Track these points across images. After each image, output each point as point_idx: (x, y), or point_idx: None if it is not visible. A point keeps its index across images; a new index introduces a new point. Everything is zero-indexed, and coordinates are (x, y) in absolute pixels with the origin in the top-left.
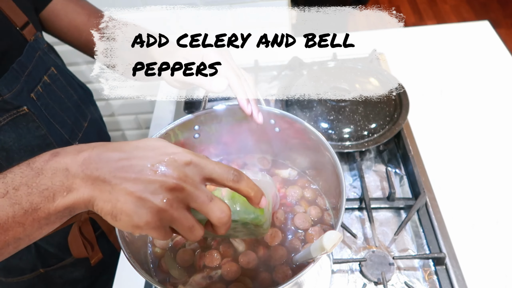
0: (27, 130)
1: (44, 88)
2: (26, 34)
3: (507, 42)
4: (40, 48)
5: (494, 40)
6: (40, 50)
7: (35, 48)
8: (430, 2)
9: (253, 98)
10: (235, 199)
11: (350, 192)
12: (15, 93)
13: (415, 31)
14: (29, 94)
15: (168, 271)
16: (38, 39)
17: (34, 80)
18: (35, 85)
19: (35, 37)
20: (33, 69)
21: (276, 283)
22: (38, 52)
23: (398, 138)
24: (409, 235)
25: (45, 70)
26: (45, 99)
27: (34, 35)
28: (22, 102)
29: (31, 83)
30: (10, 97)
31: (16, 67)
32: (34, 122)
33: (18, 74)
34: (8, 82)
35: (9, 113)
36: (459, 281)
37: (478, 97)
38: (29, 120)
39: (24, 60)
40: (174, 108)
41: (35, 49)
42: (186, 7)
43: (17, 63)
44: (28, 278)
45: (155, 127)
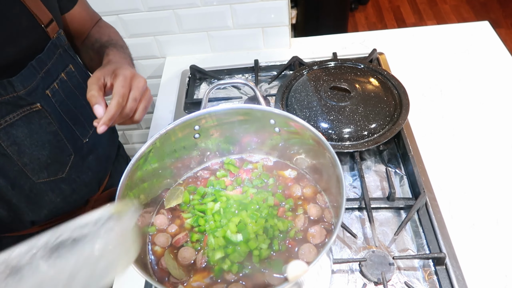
0: (39, 126)
1: (60, 84)
2: (50, 31)
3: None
4: (61, 46)
5: (494, 40)
6: (61, 48)
7: (57, 45)
8: (430, 2)
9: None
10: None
11: (350, 192)
12: (30, 89)
13: (415, 31)
14: (45, 91)
15: (168, 270)
16: (61, 36)
17: (51, 77)
18: (52, 82)
19: (58, 34)
20: (52, 66)
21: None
22: (59, 49)
23: (398, 138)
24: (409, 235)
25: (63, 67)
26: (60, 96)
27: (57, 33)
28: (36, 99)
29: (48, 80)
30: (24, 94)
31: (35, 64)
32: (47, 118)
33: (35, 71)
34: (24, 79)
35: (22, 109)
36: (459, 281)
37: (478, 97)
38: (41, 116)
39: (44, 58)
40: (174, 108)
41: (57, 47)
42: (186, 7)
43: (37, 60)
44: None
45: (155, 127)
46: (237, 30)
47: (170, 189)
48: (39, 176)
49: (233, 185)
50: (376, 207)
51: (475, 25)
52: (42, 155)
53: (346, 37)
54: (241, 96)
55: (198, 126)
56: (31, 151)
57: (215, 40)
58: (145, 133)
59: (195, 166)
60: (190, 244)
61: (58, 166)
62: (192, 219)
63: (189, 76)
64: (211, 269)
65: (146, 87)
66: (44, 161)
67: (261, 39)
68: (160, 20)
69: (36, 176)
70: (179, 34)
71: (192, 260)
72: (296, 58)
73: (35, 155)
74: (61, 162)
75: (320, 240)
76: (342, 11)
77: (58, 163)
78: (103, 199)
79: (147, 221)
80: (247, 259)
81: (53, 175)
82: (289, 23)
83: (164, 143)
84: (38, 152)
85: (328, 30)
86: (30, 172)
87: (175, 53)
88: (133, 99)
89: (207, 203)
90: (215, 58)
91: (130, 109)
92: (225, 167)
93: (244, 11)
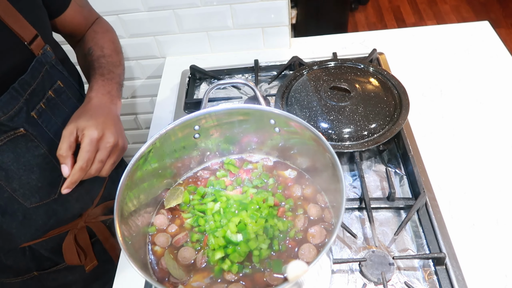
0: (26, 149)
1: (47, 103)
2: (34, 48)
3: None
4: (48, 62)
5: (494, 40)
6: (48, 64)
7: (42, 63)
8: (430, 2)
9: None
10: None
11: (350, 192)
12: (12, 115)
13: (415, 31)
14: (30, 113)
15: (168, 270)
16: (47, 52)
17: (37, 97)
18: (37, 102)
19: (44, 50)
20: (37, 86)
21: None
22: (46, 66)
23: (398, 138)
24: (409, 235)
25: (51, 84)
26: (47, 115)
27: (42, 49)
28: (19, 124)
29: (33, 101)
30: (6, 120)
31: (17, 87)
32: (33, 141)
33: (18, 94)
34: (4, 104)
35: (6, 134)
36: (459, 281)
37: (478, 97)
38: (27, 140)
39: (27, 78)
40: (174, 108)
41: (43, 64)
42: (186, 7)
43: (19, 82)
44: (21, 280)
45: (155, 127)
46: (237, 30)
47: (170, 189)
48: (31, 200)
49: (233, 185)
50: (376, 207)
51: (475, 25)
52: (32, 179)
53: (346, 37)
54: (241, 96)
55: (198, 126)
56: (20, 176)
57: (215, 40)
58: (145, 133)
59: (195, 166)
60: (190, 244)
61: (49, 188)
62: (192, 219)
63: (189, 76)
64: (211, 269)
65: (116, 143)
66: (34, 185)
67: (261, 39)
68: (160, 20)
69: (28, 201)
70: (179, 34)
71: (192, 260)
72: (296, 58)
73: (25, 179)
74: (52, 184)
75: (320, 240)
76: (342, 11)
77: (49, 185)
78: (97, 213)
79: (147, 221)
80: (247, 259)
81: (45, 198)
82: (289, 23)
83: (164, 143)
84: (27, 176)
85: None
86: (21, 198)
87: (175, 53)
88: (99, 161)
89: (207, 203)
90: (215, 58)
91: (96, 170)
92: (225, 167)
93: (244, 11)
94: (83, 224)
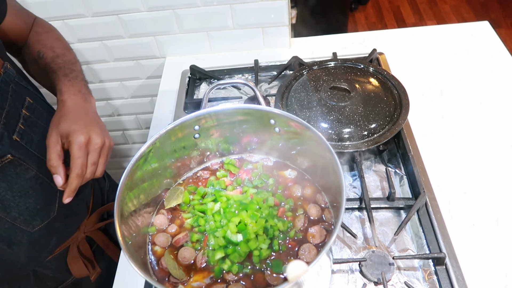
0: (16, 175)
1: (25, 123)
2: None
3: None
4: (12, 80)
5: (494, 40)
6: (13, 82)
7: (7, 82)
8: (430, 2)
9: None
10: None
11: (350, 192)
12: None
13: (415, 31)
14: (12, 137)
15: (168, 270)
16: (8, 70)
17: (14, 119)
18: (16, 124)
19: (5, 69)
20: (10, 107)
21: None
22: (11, 85)
23: (398, 138)
24: (409, 235)
25: (21, 103)
26: (29, 135)
27: (3, 67)
28: (5, 150)
29: (11, 124)
30: None
31: None
32: (22, 165)
33: None
34: None
35: None
36: (459, 281)
37: (478, 97)
38: (16, 165)
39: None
40: (174, 108)
41: (8, 83)
42: (186, 7)
43: None
44: None
45: (155, 127)
46: (237, 30)
47: (170, 189)
48: (33, 224)
49: (233, 185)
50: (376, 207)
51: (475, 25)
52: (30, 203)
53: (346, 37)
54: (241, 96)
55: (198, 126)
56: (17, 204)
57: (215, 40)
58: (145, 133)
59: (195, 166)
60: (190, 244)
61: (48, 207)
62: (192, 219)
63: (189, 76)
64: (211, 269)
65: (103, 143)
66: (33, 208)
67: (261, 39)
68: (160, 20)
69: (30, 225)
70: (179, 34)
71: (192, 260)
72: (296, 58)
73: (22, 205)
74: (49, 203)
75: (320, 240)
76: (342, 11)
77: (47, 205)
78: (93, 221)
79: (147, 221)
80: (247, 259)
81: (46, 218)
82: (289, 23)
83: (164, 143)
84: (25, 201)
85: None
86: (23, 224)
87: (175, 53)
88: (92, 164)
89: (207, 203)
90: (215, 58)
91: (91, 173)
92: (225, 167)
93: (244, 11)
94: (83, 235)
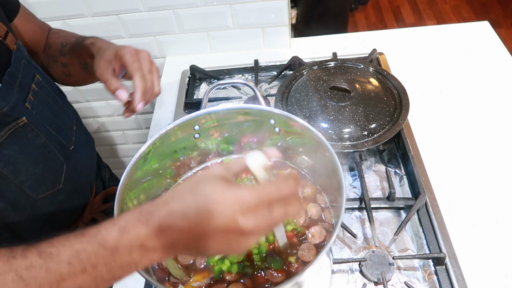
0: (28, 140)
1: (35, 96)
2: (9, 43)
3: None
4: (23, 57)
5: (494, 40)
6: (24, 59)
7: (20, 57)
8: (430, 2)
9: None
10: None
11: (350, 192)
12: (12, 104)
13: (415, 31)
14: (24, 104)
15: (168, 270)
16: (20, 47)
17: (24, 90)
18: (27, 94)
19: (17, 45)
20: (22, 78)
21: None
22: (23, 60)
23: (398, 138)
24: (409, 235)
25: (31, 78)
26: (38, 107)
27: (16, 44)
28: (20, 113)
29: (23, 93)
30: (8, 110)
31: (8, 78)
32: (33, 131)
33: (10, 85)
34: (3, 94)
35: (8, 126)
36: (459, 281)
37: (478, 97)
38: (28, 130)
39: (13, 71)
40: (174, 108)
41: (20, 58)
42: (186, 7)
43: (8, 74)
44: None
45: (155, 127)
46: (237, 30)
47: (170, 189)
48: (38, 192)
49: None
50: (376, 207)
51: (475, 25)
52: (38, 169)
53: (346, 37)
54: (241, 96)
55: (198, 126)
56: (26, 168)
57: (215, 40)
58: (145, 133)
59: (195, 166)
60: None
61: (54, 178)
62: None
63: (189, 76)
64: (211, 269)
65: (150, 56)
66: (40, 175)
67: (261, 39)
68: (160, 20)
69: (35, 192)
70: (179, 34)
71: (191, 260)
72: (296, 58)
73: (31, 170)
74: (56, 173)
75: (320, 240)
76: (342, 11)
77: (53, 175)
78: (97, 204)
79: None
80: (246, 258)
81: (51, 188)
82: (289, 23)
83: (164, 143)
84: (33, 167)
85: (328, 30)
86: (28, 190)
87: (175, 53)
88: (148, 72)
89: None
90: (215, 58)
91: (150, 81)
92: None
93: (244, 11)
94: (89, 216)
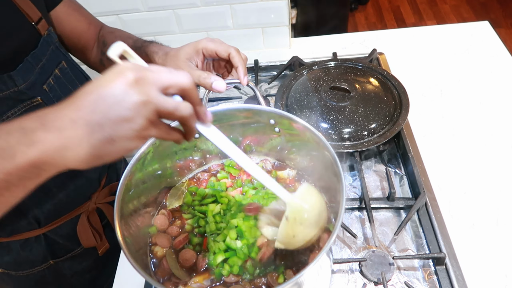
0: None
1: (55, 80)
2: (40, 28)
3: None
4: (52, 42)
5: (494, 40)
6: (53, 44)
7: (48, 42)
8: (430, 2)
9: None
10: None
11: (350, 192)
12: (30, 84)
13: (415, 31)
14: (42, 86)
15: (170, 271)
16: (51, 33)
17: (46, 73)
18: (47, 78)
19: (48, 31)
20: (46, 62)
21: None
22: (51, 46)
23: (398, 138)
24: (409, 235)
25: (56, 63)
26: (57, 91)
27: (47, 30)
28: (36, 93)
29: (44, 76)
30: (25, 88)
31: (30, 59)
32: None
33: (32, 66)
34: (23, 73)
35: (23, 104)
36: (459, 281)
37: (478, 97)
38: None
39: (38, 53)
40: None
41: (49, 43)
42: (186, 7)
43: (32, 55)
44: (38, 271)
45: None
46: (237, 30)
47: (171, 190)
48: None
49: (234, 187)
50: (376, 207)
51: (475, 25)
52: None
53: (346, 37)
54: (241, 96)
55: None
56: None
57: None
58: None
59: (195, 167)
60: (191, 247)
61: None
62: (193, 220)
63: None
64: (212, 271)
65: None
66: None
67: (261, 39)
68: (160, 20)
69: None
70: (179, 34)
71: (193, 261)
72: (296, 58)
73: None
74: None
75: None
76: (342, 11)
77: None
78: (104, 194)
79: (147, 221)
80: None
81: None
82: (289, 23)
83: (164, 144)
84: None
85: (328, 30)
86: None
87: None
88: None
89: (208, 204)
90: None
91: (244, 55)
92: (226, 169)
93: (244, 11)
94: (94, 206)
